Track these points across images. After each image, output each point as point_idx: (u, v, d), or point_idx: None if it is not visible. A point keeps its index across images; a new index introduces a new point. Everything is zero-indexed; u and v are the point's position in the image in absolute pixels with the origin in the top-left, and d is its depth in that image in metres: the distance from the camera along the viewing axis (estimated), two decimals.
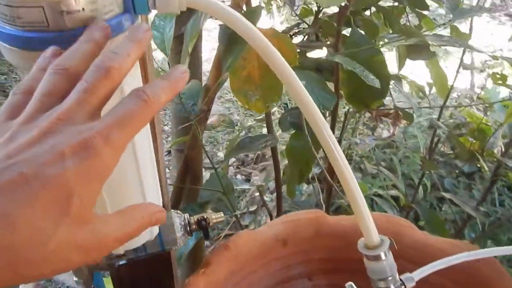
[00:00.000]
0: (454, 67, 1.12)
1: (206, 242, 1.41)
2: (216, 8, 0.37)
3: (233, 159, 1.89)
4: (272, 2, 1.16)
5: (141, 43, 0.31)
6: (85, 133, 0.25)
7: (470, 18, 0.96)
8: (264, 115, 0.98)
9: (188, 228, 0.54)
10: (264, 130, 1.78)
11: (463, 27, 1.02)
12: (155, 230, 0.49)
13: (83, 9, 0.32)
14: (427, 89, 1.31)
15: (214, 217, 0.56)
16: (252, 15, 0.68)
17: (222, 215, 0.57)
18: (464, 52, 0.93)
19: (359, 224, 0.40)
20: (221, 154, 1.91)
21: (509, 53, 2.85)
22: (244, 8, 0.77)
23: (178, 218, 0.55)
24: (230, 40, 0.69)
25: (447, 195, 0.96)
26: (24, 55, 0.33)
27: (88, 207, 0.25)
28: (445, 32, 1.07)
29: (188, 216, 0.55)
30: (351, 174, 0.41)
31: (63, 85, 0.28)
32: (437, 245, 0.61)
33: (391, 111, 1.20)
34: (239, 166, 1.84)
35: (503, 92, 1.79)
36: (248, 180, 1.77)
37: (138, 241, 0.48)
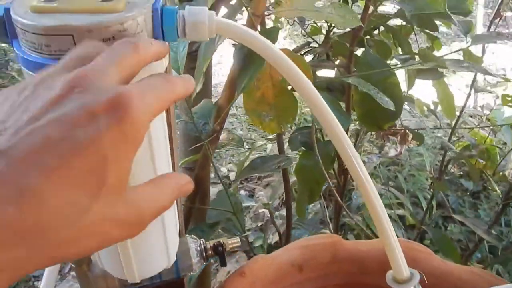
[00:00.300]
0: (456, 85, 1.12)
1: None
2: (245, 35, 0.37)
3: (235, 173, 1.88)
4: (281, 20, 1.16)
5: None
6: (119, 90, 0.22)
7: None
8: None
9: (204, 254, 0.53)
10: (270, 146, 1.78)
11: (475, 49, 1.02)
12: (173, 257, 0.47)
13: (113, 37, 0.31)
14: (432, 107, 1.31)
15: (230, 242, 0.55)
16: (270, 36, 0.67)
17: (238, 240, 0.56)
18: (476, 75, 0.93)
19: (388, 256, 0.39)
20: (224, 169, 1.90)
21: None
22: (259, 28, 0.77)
23: (194, 244, 0.53)
24: (246, 61, 0.68)
25: (457, 217, 0.94)
26: None
27: (125, 176, 0.22)
28: (446, 49, 1.08)
29: (204, 241, 0.54)
30: (381, 203, 0.40)
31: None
32: (456, 273, 0.59)
33: (399, 130, 1.20)
34: (243, 182, 1.83)
35: (507, 111, 1.80)
36: (251, 195, 1.76)
37: (156, 269, 0.46)
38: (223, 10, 0.82)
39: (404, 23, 1.08)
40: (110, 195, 0.21)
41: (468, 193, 1.84)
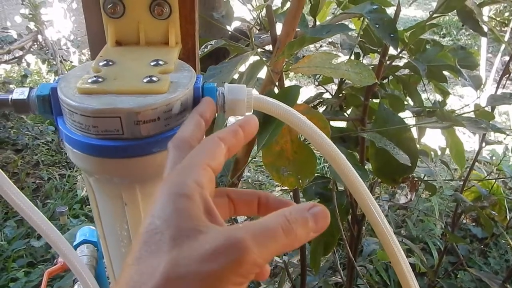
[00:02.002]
0: (461, 128, 1.12)
1: None
2: (281, 111, 0.38)
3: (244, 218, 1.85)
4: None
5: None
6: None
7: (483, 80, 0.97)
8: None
9: None
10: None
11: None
12: None
13: (158, 118, 0.32)
14: (439, 153, 1.32)
15: None
16: (291, 93, 0.69)
17: None
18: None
19: None
20: (241, 219, 1.87)
21: None
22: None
23: None
24: (266, 117, 0.69)
25: (472, 271, 0.93)
26: (97, 161, 0.32)
27: None
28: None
29: None
30: (405, 260, 0.41)
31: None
32: None
33: (410, 179, 1.20)
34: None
35: None
36: None
37: None
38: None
39: (412, 73, 1.10)
40: None
41: (477, 239, 1.82)
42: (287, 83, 0.97)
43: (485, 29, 1.01)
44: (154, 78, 0.33)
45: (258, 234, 0.23)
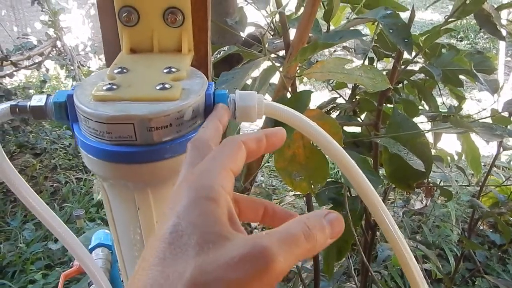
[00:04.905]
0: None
1: None
2: (291, 117, 0.38)
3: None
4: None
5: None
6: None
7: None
8: None
9: None
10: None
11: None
12: None
13: (170, 124, 0.33)
14: (455, 158, 1.30)
15: None
16: (302, 99, 0.69)
17: None
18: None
19: None
20: (254, 224, 1.88)
21: None
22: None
23: None
24: (278, 122, 0.70)
25: (489, 278, 0.91)
26: (111, 167, 0.33)
27: None
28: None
29: None
30: (418, 269, 0.40)
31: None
32: None
33: (425, 184, 1.19)
34: (264, 228, 1.81)
35: None
36: None
37: None
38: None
39: (427, 78, 1.09)
40: None
41: (495, 246, 1.79)
42: (301, 87, 0.98)
43: (504, 32, 1.00)
44: (166, 85, 0.34)
45: (283, 242, 0.23)
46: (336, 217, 0.26)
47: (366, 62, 1.01)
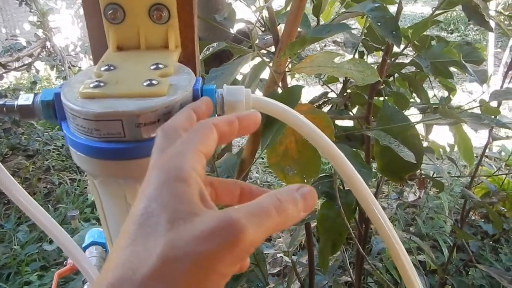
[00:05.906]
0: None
1: None
2: (280, 111, 0.38)
3: None
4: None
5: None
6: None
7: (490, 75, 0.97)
8: None
9: None
10: None
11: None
12: None
13: (158, 120, 0.33)
14: (447, 149, 1.31)
15: None
16: (293, 94, 0.69)
17: None
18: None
19: None
20: None
21: None
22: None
23: None
24: (270, 118, 0.70)
25: (481, 267, 0.92)
26: (101, 164, 0.33)
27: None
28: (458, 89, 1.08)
29: None
30: (408, 258, 0.41)
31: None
32: None
33: (418, 176, 1.20)
34: None
35: None
36: (269, 239, 1.74)
37: None
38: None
39: (418, 70, 1.09)
40: None
41: (488, 236, 1.81)
42: (293, 83, 0.98)
43: (492, 23, 1.00)
44: (154, 81, 0.34)
45: (252, 214, 0.23)
46: (309, 191, 0.27)
47: (357, 56, 1.01)
